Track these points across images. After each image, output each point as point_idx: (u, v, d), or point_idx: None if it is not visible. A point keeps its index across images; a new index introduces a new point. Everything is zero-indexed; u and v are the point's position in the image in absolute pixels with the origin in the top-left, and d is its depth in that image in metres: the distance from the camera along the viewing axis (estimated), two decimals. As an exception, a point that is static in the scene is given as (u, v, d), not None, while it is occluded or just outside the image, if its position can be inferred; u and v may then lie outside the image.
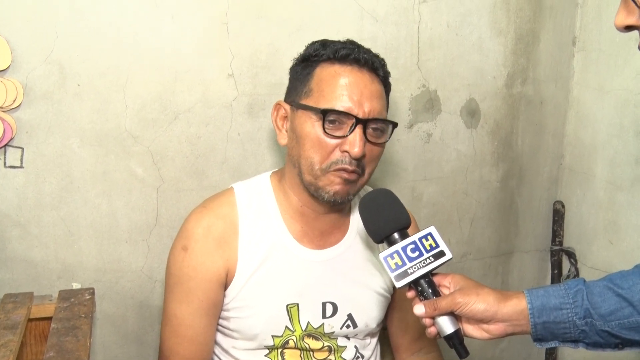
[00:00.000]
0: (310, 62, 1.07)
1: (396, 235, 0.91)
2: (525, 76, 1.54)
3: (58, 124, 1.15)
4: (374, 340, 1.21)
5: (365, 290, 1.15)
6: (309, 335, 1.11)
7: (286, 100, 1.10)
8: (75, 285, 1.21)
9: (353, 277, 1.14)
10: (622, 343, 0.87)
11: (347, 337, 1.15)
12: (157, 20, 1.18)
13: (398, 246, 0.89)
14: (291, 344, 1.10)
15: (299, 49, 1.26)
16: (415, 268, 0.88)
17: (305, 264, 1.11)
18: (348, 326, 1.13)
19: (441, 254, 0.89)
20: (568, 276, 1.62)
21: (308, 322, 1.10)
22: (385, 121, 1.06)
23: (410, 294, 0.91)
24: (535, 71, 1.55)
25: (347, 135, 1.01)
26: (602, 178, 1.51)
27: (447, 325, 0.88)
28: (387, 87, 1.10)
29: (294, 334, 1.10)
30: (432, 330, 0.89)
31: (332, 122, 1.01)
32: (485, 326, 0.89)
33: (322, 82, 1.03)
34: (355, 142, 1.00)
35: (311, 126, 1.02)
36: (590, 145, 1.55)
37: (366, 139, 1.02)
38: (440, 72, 1.44)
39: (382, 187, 1.43)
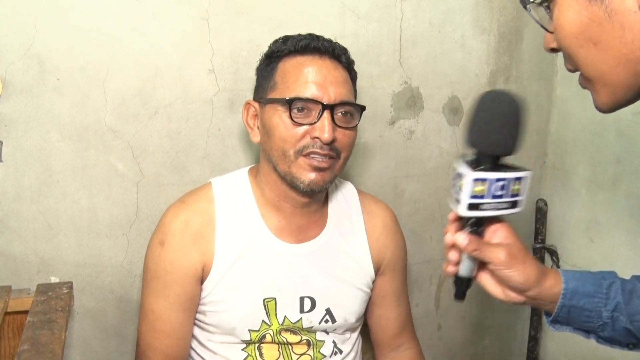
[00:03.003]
0: (273, 58, 1.09)
1: (504, 160, 0.79)
2: (509, 74, 1.54)
3: (37, 117, 1.15)
4: (354, 334, 1.22)
5: (343, 284, 1.15)
6: (286, 330, 1.12)
7: (254, 98, 1.12)
8: (54, 279, 1.21)
9: (331, 271, 1.14)
10: (636, 343, 0.85)
11: (326, 332, 1.16)
12: (138, 15, 1.17)
13: (494, 175, 0.76)
14: (268, 338, 1.11)
15: (280, 45, 1.27)
16: (490, 207, 0.77)
17: (283, 258, 1.11)
18: (327, 321, 1.14)
19: (517, 204, 0.79)
20: (550, 274, 1.63)
21: (285, 317, 1.11)
22: (352, 104, 1.07)
23: (452, 215, 0.82)
24: (518, 69, 1.55)
25: (315, 122, 1.02)
26: (584, 176, 1.52)
27: (468, 269, 0.82)
28: (351, 73, 1.11)
29: (271, 328, 1.10)
30: (452, 270, 0.83)
31: (299, 110, 1.02)
32: (508, 291, 0.82)
33: (285, 74, 1.05)
34: (324, 127, 1.01)
35: (279, 117, 1.04)
36: (573, 144, 1.56)
37: (335, 124, 1.03)
38: (423, 70, 1.44)
39: (366, 182, 1.45)
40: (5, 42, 1.10)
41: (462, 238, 0.80)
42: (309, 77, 1.03)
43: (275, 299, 1.10)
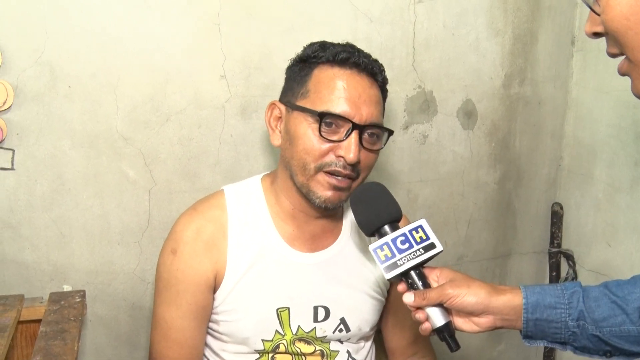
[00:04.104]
0: (308, 64, 1.05)
1: (387, 227, 0.91)
2: (523, 77, 1.52)
3: (49, 125, 1.15)
4: (368, 343, 1.20)
5: (358, 293, 1.14)
6: (300, 340, 1.10)
7: (281, 100, 1.09)
8: (66, 288, 1.21)
9: (346, 280, 1.13)
10: (611, 351, 0.87)
11: (340, 342, 1.14)
12: (148, 21, 1.17)
13: (388, 238, 0.89)
14: (282, 348, 1.10)
15: (292, 49, 1.25)
16: (405, 260, 0.87)
17: (296, 267, 1.10)
18: (341, 330, 1.12)
19: (431, 246, 0.88)
20: (566, 279, 1.61)
21: (299, 326, 1.09)
22: (382, 128, 1.05)
23: (401, 287, 0.90)
24: (533, 72, 1.53)
25: (342, 140, 0.99)
26: (601, 180, 1.50)
27: (437, 318, 0.87)
28: (384, 93, 1.09)
29: (285, 338, 1.09)
30: (427, 326, 0.88)
31: (328, 125, 1.00)
32: (475, 319, 0.87)
33: (320, 84, 1.02)
34: (350, 147, 0.99)
35: (306, 127, 1.01)
36: (589, 147, 1.53)
37: (361, 145, 1.01)
38: (437, 73, 1.42)
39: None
40: (17, 50, 1.10)
41: (407, 296, 0.87)
42: (343, 93, 1.00)
43: (288, 308, 1.09)
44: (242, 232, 1.08)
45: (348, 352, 1.15)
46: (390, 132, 1.07)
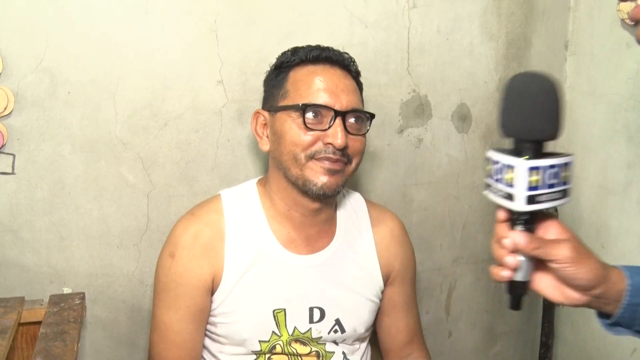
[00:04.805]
0: (283, 69, 1.11)
1: (541, 146, 0.71)
2: (517, 80, 1.54)
3: (49, 130, 1.17)
4: (364, 344, 1.22)
5: (353, 294, 1.16)
6: (296, 341, 1.12)
7: (264, 107, 1.14)
8: (66, 290, 1.23)
9: (341, 281, 1.15)
10: None
11: (336, 343, 1.16)
12: (147, 27, 1.19)
13: (546, 162, 0.69)
14: (278, 349, 1.11)
15: (288, 55, 1.27)
16: (547, 198, 0.70)
17: (292, 270, 1.11)
18: (336, 331, 1.14)
19: (567, 192, 0.72)
20: (561, 280, 1.62)
21: (295, 327, 1.11)
22: (363, 112, 1.09)
23: (502, 215, 0.73)
24: (527, 75, 1.55)
25: (327, 128, 1.03)
26: (595, 182, 1.51)
27: (526, 272, 0.73)
28: (359, 84, 1.14)
29: (281, 339, 1.11)
30: (508, 275, 0.72)
31: (311, 116, 1.04)
32: (568, 291, 0.73)
33: (297, 82, 1.07)
34: (336, 133, 1.03)
35: (291, 123, 1.05)
36: (583, 150, 1.55)
37: (347, 131, 1.04)
38: (431, 77, 1.44)
39: (374, 190, 1.45)
40: (17, 57, 1.12)
41: (520, 237, 0.71)
42: (321, 85, 1.05)
43: (284, 309, 1.10)
44: (239, 235, 1.10)
45: (343, 353, 1.16)
46: (372, 116, 1.11)
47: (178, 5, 1.20)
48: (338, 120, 1.03)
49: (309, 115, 1.03)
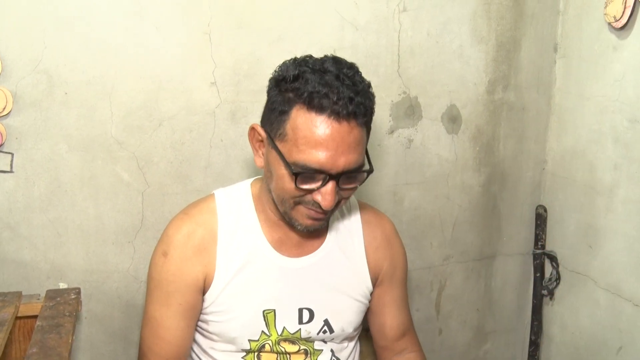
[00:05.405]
0: (287, 96, 0.99)
1: None
2: (507, 83, 1.57)
3: (46, 130, 1.20)
4: (352, 343, 1.24)
5: (341, 296, 1.17)
6: (285, 340, 1.14)
7: (262, 125, 1.06)
8: (62, 285, 1.26)
9: (330, 283, 1.16)
10: None
11: (324, 341, 1.18)
12: (142, 31, 1.22)
13: None
14: (267, 347, 1.14)
15: (280, 57, 1.29)
16: None
17: (282, 272, 1.13)
18: (325, 331, 1.16)
19: None
20: (550, 279, 1.65)
21: (284, 328, 1.13)
22: (360, 171, 1.02)
23: None
24: (516, 78, 1.58)
25: (319, 188, 1.00)
26: (583, 183, 1.54)
27: None
28: (368, 126, 1.03)
29: (270, 338, 1.13)
30: None
31: (304, 178, 0.99)
32: None
33: (297, 130, 0.97)
34: (326, 195, 0.99)
35: (284, 171, 1.00)
36: (572, 151, 1.57)
37: (338, 187, 1.00)
38: (421, 79, 1.47)
39: (365, 190, 1.47)
40: (16, 59, 1.16)
41: None
42: (320, 144, 0.96)
43: (274, 310, 1.12)
44: (232, 236, 1.12)
45: (332, 351, 1.19)
46: (370, 171, 1.04)
47: (173, 9, 1.23)
48: (331, 183, 0.98)
49: (301, 177, 0.98)
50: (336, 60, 1.01)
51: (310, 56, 1.04)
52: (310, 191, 1.00)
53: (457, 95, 1.52)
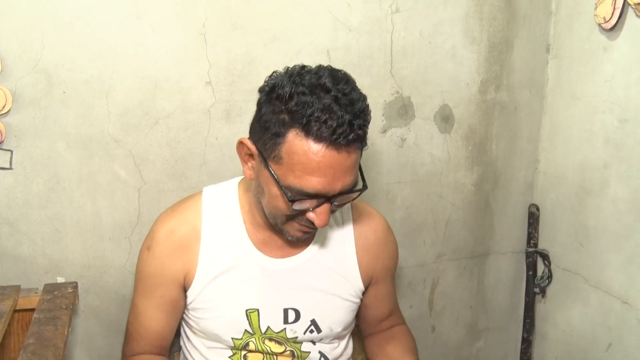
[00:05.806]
0: (282, 118, 0.94)
1: None
2: (499, 83, 1.59)
3: (45, 128, 1.23)
4: (343, 342, 1.24)
5: (329, 296, 1.16)
6: (270, 339, 1.15)
7: (252, 139, 1.02)
8: (60, 280, 1.29)
9: (317, 284, 1.15)
10: None
11: (313, 342, 1.18)
12: (139, 31, 1.25)
13: None
14: (252, 346, 1.15)
15: (274, 58, 1.33)
16: None
17: (266, 272, 1.13)
18: (312, 331, 1.16)
19: None
20: (542, 277, 1.67)
21: (268, 327, 1.14)
22: (353, 191, 1.00)
23: None
24: (509, 78, 1.59)
25: (314, 208, 0.99)
26: (574, 182, 1.56)
27: None
28: (363, 144, 1.00)
29: (253, 336, 1.14)
30: None
31: (299, 201, 0.98)
32: None
33: (293, 155, 0.94)
34: (320, 215, 0.99)
35: (278, 192, 0.98)
36: (563, 151, 1.59)
37: (333, 206, 1.00)
38: (414, 79, 1.49)
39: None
40: (15, 58, 1.18)
41: None
42: (317, 171, 0.94)
43: (258, 309, 1.13)
44: (216, 234, 1.13)
45: (320, 352, 1.19)
46: (364, 189, 1.02)
47: (169, 10, 1.26)
48: (325, 205, 0.98)
49: (297, 200, 0.97)
50: (333, 75, 0.96)
51: (304, 67, 0.99)
52: (305, 211, 1.00)
53: (449, 95, 1.54)
